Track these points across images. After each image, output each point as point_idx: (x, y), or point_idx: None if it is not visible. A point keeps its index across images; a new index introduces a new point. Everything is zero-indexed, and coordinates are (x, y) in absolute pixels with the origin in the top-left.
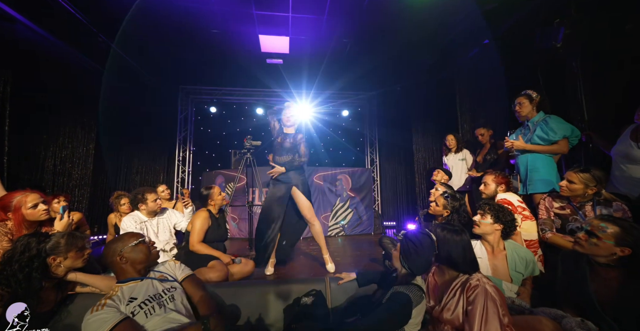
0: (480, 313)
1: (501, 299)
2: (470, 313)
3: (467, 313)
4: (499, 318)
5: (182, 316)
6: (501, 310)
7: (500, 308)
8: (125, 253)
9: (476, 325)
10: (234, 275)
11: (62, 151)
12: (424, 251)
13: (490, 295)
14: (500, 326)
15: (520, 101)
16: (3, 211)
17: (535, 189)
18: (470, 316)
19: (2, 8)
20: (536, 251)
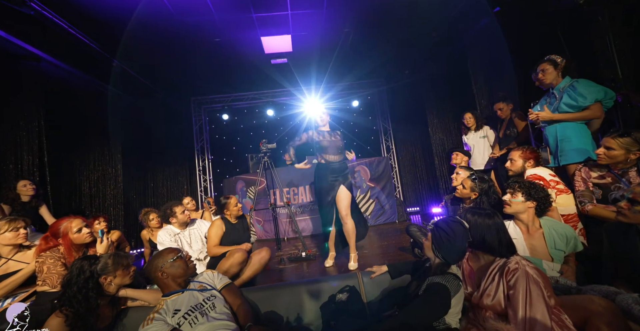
0: (523, 297)
1: (544, 280)
2: (513, 298)
3: (509, 298)
4: (544, 300)
5: (226, 322)
6: (546, 291)
7: (544, 290)
8: (165, 269)
9: (520, 310)
10: (247, 273)
11: (93, 174)
12: (457, 239)
13: (532, 277)
14: (547, 309)
15: (543, 68)
16: (54, 237)
17: (568, 160)
18: (513, 301)
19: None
20: (576, 225)
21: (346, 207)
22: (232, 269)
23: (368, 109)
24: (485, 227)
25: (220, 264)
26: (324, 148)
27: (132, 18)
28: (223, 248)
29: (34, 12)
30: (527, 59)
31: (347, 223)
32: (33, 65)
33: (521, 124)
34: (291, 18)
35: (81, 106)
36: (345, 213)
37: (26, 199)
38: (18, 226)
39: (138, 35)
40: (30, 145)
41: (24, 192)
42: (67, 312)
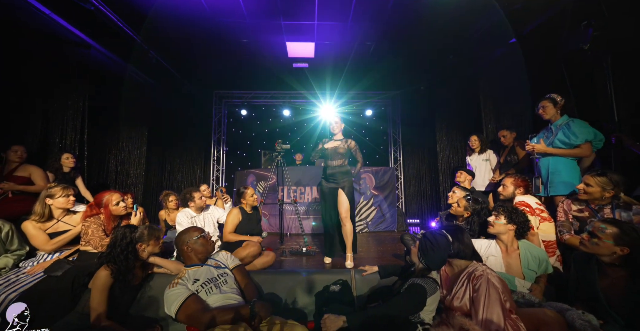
0: (483, 299)
1: (503, 287)
2: (475, 300)
3: (472, 300)
4: (500, 303)
5: (234, 295)
6: (503, 296)
7: (502, 294)
8: (190, 244)
9: (480, 310)
10: (256, 266)
11: (121, 153)
12: (440, 249)
13: (492, 283)
14: (502, 310)
15: (543, 105)
16: (97, 207)
17: (556, 191)
18: (475, 303)
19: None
20: (554, 251)
21: (346, 210)
22: (247, 259)
23: (381, 119)
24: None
25: (237, 252)
26: (327, 154)
27: (171, 14)
28: (237, 237)
29: (94, 8)
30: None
31: (346, 225)
32: (84, 52)
33: (522, 153)
34: (317, 28)
35: (118, 90)
36: (344, 216)
37: (67, 170)
38: (69, 193)
39: (175, 30)
40: (74, 123)
41: (66, 163)
42: (112, 267)
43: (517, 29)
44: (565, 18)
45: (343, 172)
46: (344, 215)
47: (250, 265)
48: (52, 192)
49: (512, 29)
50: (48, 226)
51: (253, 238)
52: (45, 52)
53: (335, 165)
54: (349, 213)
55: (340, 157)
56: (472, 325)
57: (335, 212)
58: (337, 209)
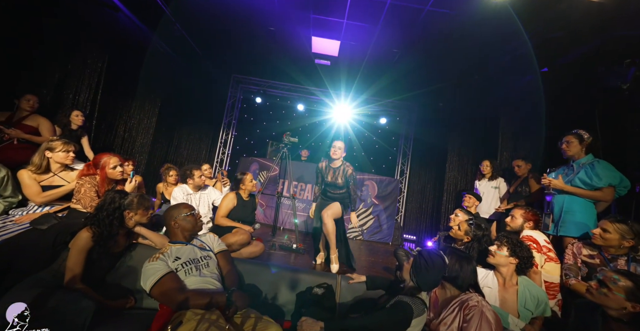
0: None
1: (497, 323)
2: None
3: (461, 330)
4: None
5: (214, 280)
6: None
7: (494, 330)
8: (178, 220)
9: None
10: (242, 254)
11: (131, 120)
12: (434, 270)
13: (485, 316)
14: None
15: (568, 140)
16: (94, 167)
17: (566, 232)
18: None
19: None
20: (556, 295)
21: (332, 213)
22: (234, 247)
23: (394, 129)
24: (461, 268)
25: (226, 237)
26: (326, 183)
27: None
28: (229, 222)
29: None
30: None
31: (327, 224)
32: (112, 14)
33: (535, 186)
34: (345, 26)
35: (139, 58)
36: (327, 215)
37: (74, 127)
38: (70, 149)
39: (204, 6)
40: (90, 82)
41: (75, 120)
42: (94, 230)
43: (551, 59)
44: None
45: (343, 196)
46: (326, 214)
47: (236, 252)
48: (52, 145)
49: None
50: (43, 178)
51: (245, 226)
52: (72, 8)
53: (335, 193)
54: (333, 215)
55: (339, 189)
56: None
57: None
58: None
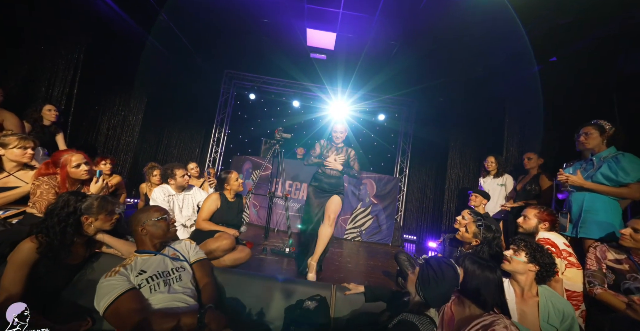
0: None
1: None
2: None
3: None
4: None
5: (186, 297)
6: None
7: None
8: (147, 226)
9: None
10: (225, 261)
11: (115, 117)
12: (445, 283)
13: None
14: None
15: (587, 131)
16: (54, 166)
17: (587, 233)
18: None
19: None
20: (578, 305)
21: (334, 213)
22: (216, 253)
23: (392, 126)
24: (484, 280)
25: (207, 243)
26: (324, 167)
27: None
28: (212, 226)
29: None
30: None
31: (327, 230)
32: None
33: (546, 184)
34: (341, 17)
35: (121, 50)
36: (332, 217)
37: (47, 123)
38: (27, 145)
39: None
40: (65, 74)
41: (47, 115)
42: (41, 240)
43: (560, 46)
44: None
45: (339, 182)
46: (333, 216)
47: (219, 260)
48: (5, 141)
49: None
50: None
51: (229, 230)
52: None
53: (332, 175)
54: (335, 215)
55: (335, 178)
56: None
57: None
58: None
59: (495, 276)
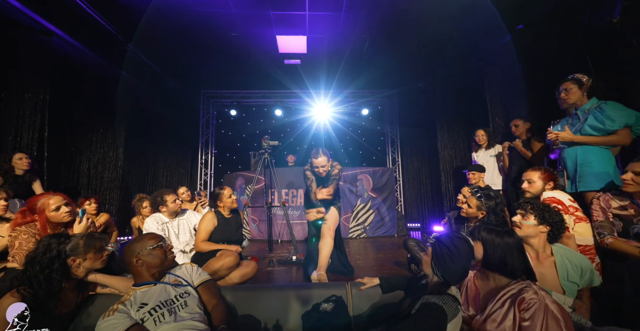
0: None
1: (565, 319)
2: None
3: (522, 330)
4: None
5: (195, 322)
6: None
7: (564, 329)
8: (142, 256)
9: None
10: (232, 279)
11: (94, 155)
12: (460, 258)
13: (552, 312)
14: None
15: (567, 87)
16: (31, 213)
17: (587, 186)
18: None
19: (41, 23)
20: (593, 258)
21: (333, 224)
22: (221, 272)
23: (377, 118)
24: (505, 247)
25: (210, 263)
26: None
27: (150, 3)
28: (211, 246)
29: None
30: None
31: (327, 242)
32: (45, 39)
33: (537, 146)
34: (308, 19)
35: (90, 86)
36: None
37: (20, 172)
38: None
39: (155, 21)
40: (32, 119)
41: (18, 165)
42: (24, 292)
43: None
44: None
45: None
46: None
47: (225, 278)
48: None
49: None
50: None
51: (231, 247)
52: None
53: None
54: (334, 228)
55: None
56: None
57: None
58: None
59: (515, 240)
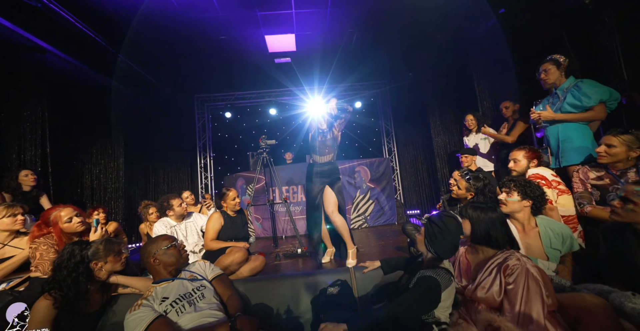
0: (521, 293)
1: (545, 280)
2: (511, 293)
3: (506, 293)
4: (542, 299)
5: (213, 311)
6: (545, 290)
7: (543, 289)
8: (158, 256)
9: (517, 305)
10: (243, 273)
11: (96, 167)
12: (450, 233)
13: (532, 274)
14: (543, 307)
15: (545, 68)
16: (46, 225)
17: (569, 160)
18: (511, 296)
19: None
20: (576, 227)
21: (333, 205)
22: (232, 267)
23: (371, 110)
24: (489, 221)
25: (220, 259)
26: (314, 148)
27: (137, 13)
28: (220, 244)
29: (41, 5)
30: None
31: (336, 220)
32: (38, 56)
33: (524, 126)
34: (295, 17)
35: (85, 99)
36: (331, 211)
37: (27, 189)
38: (16, 212)
39: (143, 30)
40: (33, 136)
41: (25, 181)
42: (55, 295)
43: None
44: None
45: (331, 169)
46: (330, 209)
47: (236, 273)
48: None
49: None
50: None
51: (238, 243)
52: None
53: (322, 162)
54: (335, 208)
55: (328, 152)
56: (503, 321)
57: (319, 212)
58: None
59: (498, 215)
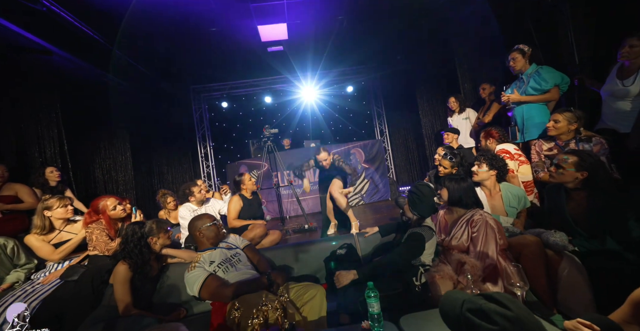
0: (482, 238)
1: (498, 227)
2: (475, 239)
3: (471, 239)
4: (495, 241)
5: (249, 271)
6: (498, 235)
7: (497, 234)
8: (202, 230)
9: (478, 246)
10: (264, 245)
11: (105, 161)
12: (425, 197)
13: (489, 224)
14: (496, 246)
15: (513, 56)
16: (95, 213)
17: (530, 135)
18: (474, 240)
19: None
20: (533, 190)
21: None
22: (255, 240)
23: (362, 94)
24: (461, 188)
25: (245, 234)
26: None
27: (130, 7)
28: (242, 222)
29: (46, 9)
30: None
31: (339, 199)
32: (45, 58)
33: (498, 107)
34: (287, 6)
35: (89, 96)
36: (334, 190)
37: (54, 184)
38: (66, 203)
39: (137, 24)
40: (50, 135)
41: (51, 177)
42: (129, 262)
43: None
44: None
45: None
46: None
47: (258, 245)
48: (49, 204)
49: None
50: (51, 237)
51: (257, 221)
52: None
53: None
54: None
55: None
56: (468, 258)
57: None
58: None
59: (468, 184)
